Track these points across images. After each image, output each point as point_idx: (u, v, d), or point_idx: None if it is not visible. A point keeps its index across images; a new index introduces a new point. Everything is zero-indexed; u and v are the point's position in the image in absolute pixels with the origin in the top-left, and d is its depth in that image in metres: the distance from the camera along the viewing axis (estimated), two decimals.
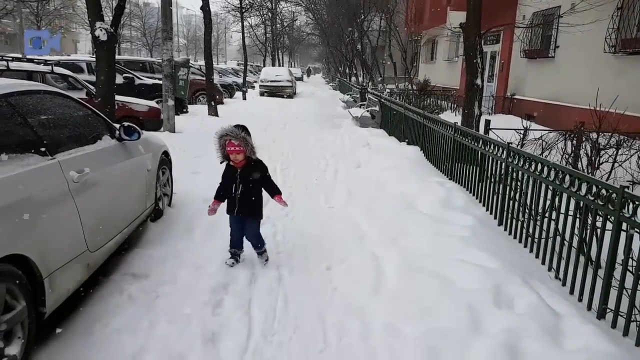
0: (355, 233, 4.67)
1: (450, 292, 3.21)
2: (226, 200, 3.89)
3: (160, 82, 11.26)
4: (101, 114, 3.95)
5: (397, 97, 15.90)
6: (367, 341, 2.86)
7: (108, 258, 3.57)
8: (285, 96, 24.72)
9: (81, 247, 3.01)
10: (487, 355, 2.55)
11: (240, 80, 23.85)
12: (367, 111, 14.15)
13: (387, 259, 3.87)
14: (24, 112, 2.88)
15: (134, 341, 2.76)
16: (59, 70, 8.89)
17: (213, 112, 13.68)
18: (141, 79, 13.19)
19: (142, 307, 3.17)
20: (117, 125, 4.05)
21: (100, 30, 7.01)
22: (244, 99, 21.07)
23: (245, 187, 3.78)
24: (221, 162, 3.85)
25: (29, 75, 8.04)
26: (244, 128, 3.80)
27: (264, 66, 32.14)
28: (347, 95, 23.07)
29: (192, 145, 8.59)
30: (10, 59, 8.39)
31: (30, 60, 9.05)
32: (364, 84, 24.12)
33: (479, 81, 7.90)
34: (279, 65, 39.93)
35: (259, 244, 4.02)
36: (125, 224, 3.81)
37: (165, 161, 5.18)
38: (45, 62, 9.15)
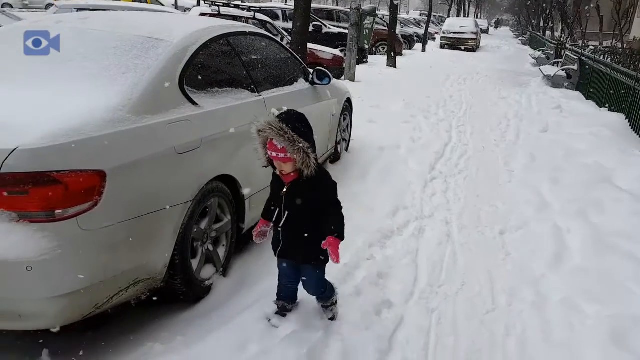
0: (536, 200, 4.36)
1: None
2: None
3: (345, 31, 11.53)
4: (299, 58, 4.23)
5: (602, 56, 13.85)
6: (541, 312, 2.72)
7: None
8: (467, 49, 23.36)
9: None
10: None
11: (421, 31, 23.13)
12: (562, 70, 12.67)
13: (572, 232, 3.56)
14: (239, 51, 3.24)
15: None
16: (259, 16, 9.69)
17: (391, 63, 13.61)
18: (328, 28, 13.66)
19: None
20: (311, 70, 4.31)
21: None
22: (423, 50, 20.47)
23: (293, 216, 2.26)
24: (264, 167, 2.32)
25: (235, 20, 8.92)
26: (297, 119, 2.19)
27: (448, 17, 30.58)
28: (539, 51, 20.83)
29: (370, 94, 8.72)
30: (221, 4, 9.38)
31: (237, 7, 10.02)
32: (561, 39, 21.44)
33: None
34: (465, 16, 37.58)
35: (324, 297, 2.48)
36: None
37: (347, 108, 5.37)
38: (249, 9, 10.04)
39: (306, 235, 2.26)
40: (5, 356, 2.16)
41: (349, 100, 5.42)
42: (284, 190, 2.25)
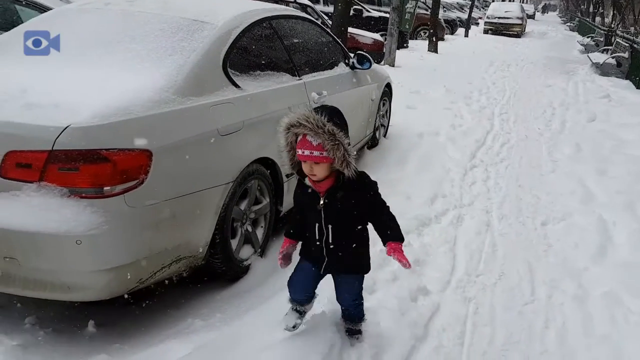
0: (580, 191, 4.22)
1: None
2: (303, 242, 2.11)
3: (386, 15, 11.33)
4: (340, 42, 4.20)
5: None
6: (583, 305, 2.65)
7: None
8: (512, 35, 22.61)
9: None
10: None
11: (464, 16, 22.51)
12: (612, 57, 12.13)
13: (618, 225, 3.44)
14: (281, 35, 3.25)
15: None
16: (300, 0, 9.66)
17: (433, 48, 13.33)
18: (369, 12, 13.47)
19: None
20: (351, 54, 4.27)
21: None
22: (466, 36, 19.94)
23: (338, 229, 1.96)
24: (287, 176, 2.04)
25: (276, 3, 8.92)
26: (334, 113, 1.85)
27: (493, 1, 29.60)
28: (588, 37, 19.98)
29: (410, 80, 8.58)
30: None
31: None
32: (612, 26, 20.45)
33: None
34: (510, 1, 36.31)
35: (356, 314, 2.21)
36: None
37: (386, 93, 5.31)
38: None
39: (354, 245, 2.01)
40: (54, 325, 2.28)
41: (388, 86, 5.36)
42: (321, 202, 1.91)
